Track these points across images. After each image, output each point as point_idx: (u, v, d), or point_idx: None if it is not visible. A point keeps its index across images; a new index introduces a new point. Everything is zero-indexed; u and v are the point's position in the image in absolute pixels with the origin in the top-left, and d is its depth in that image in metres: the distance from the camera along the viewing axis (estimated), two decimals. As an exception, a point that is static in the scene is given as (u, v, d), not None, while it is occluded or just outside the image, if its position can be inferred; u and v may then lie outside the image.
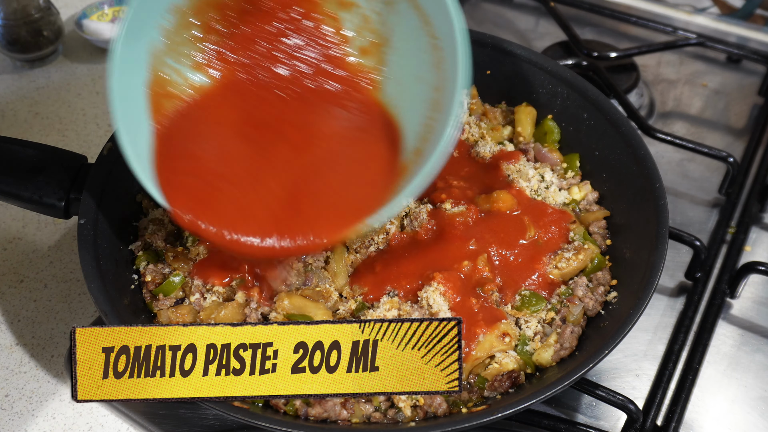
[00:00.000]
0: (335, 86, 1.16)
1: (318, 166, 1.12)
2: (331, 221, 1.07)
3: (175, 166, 1.09)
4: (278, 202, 1.09)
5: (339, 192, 1.10)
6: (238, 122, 1.14)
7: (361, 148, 1.14)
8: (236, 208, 1.07)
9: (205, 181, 1.09)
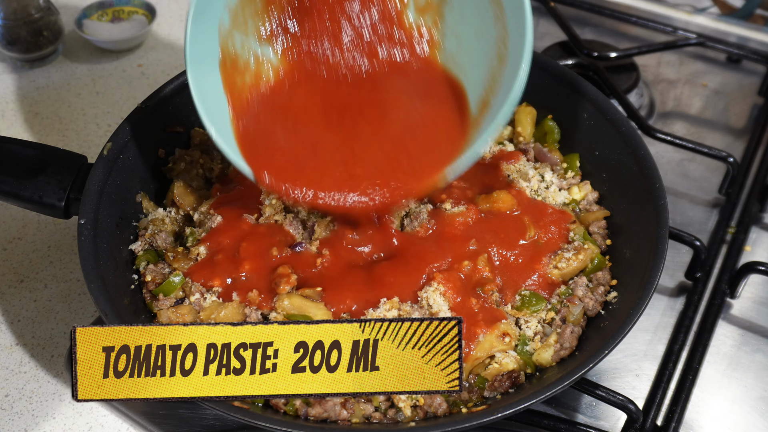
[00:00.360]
0: (396, 52, 1.21)
1: (394, 134, 1.18)
2: (412, 176, 1.14)
3: (261, 144, 1.16)
4: (363, 168, 1.16)
5: (416, 153, 1.16)
6: (313, 104, 1.21)
7: (430, 109, 1.20)
8: (330, 177, 1.15)
9: (293, 155, 1.16)
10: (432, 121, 1.19)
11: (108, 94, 1.81)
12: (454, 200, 1.28)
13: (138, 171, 1.35)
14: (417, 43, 1.21)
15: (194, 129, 1.45)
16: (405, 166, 1.16)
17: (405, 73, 1.22)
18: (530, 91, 1.48)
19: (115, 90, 1.82)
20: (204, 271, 1.21)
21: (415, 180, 1.15)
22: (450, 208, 1.27)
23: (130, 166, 1.33)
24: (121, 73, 1.87)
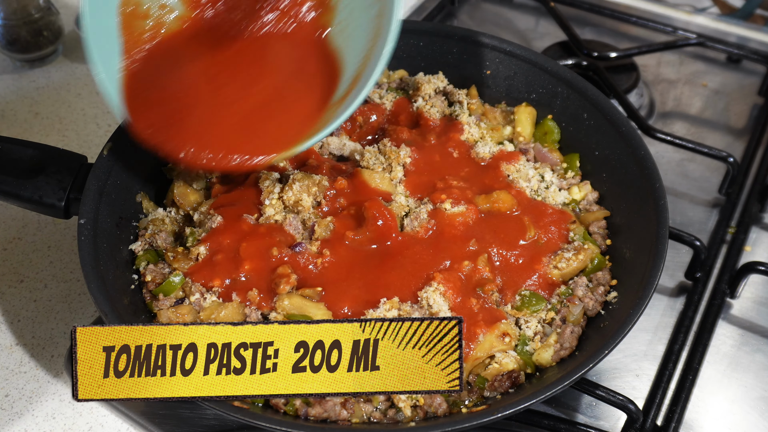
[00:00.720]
0: (288, 19, 1.25)
1: (264, 98, 1.21)
2: (270, 142, 1.17)
3: (142, 90, 1.18)
4: (229, 126, 1.19)
5: (278, 119, 1.20)
6: (200, 57, 1.24)
7: (303, 79, 1.23)
8: (193, 129, 1.18)
9: (168, 106, 1.19)
10: (292, 96, 1.22)
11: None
12: (454, 200, 1.28)
13: (138, 171, 1.35)
14: (308, 11, 1.25)
15: (194, 129, 1.45)
16: (256, 135, 1.18)
17: (291, 40, 1.25)
18: (530, 91, 1.49)
19: (115, 90, 1.82)
20: (204, 272, 1.21)
21: (271, 149, 1.16)
22: (450, 208, 1.27)
23: (130, 166, 1.33)
24: (121, 73, 1.87)
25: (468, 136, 1.43)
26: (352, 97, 1.14)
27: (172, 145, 1.16)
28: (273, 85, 1.23)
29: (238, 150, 1.15)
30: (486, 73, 1.52)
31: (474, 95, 1.52)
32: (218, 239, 1.24)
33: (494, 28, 2.04)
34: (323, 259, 1.23)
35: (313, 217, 1.27)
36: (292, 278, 1.19)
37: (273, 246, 1.22)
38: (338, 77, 1.21)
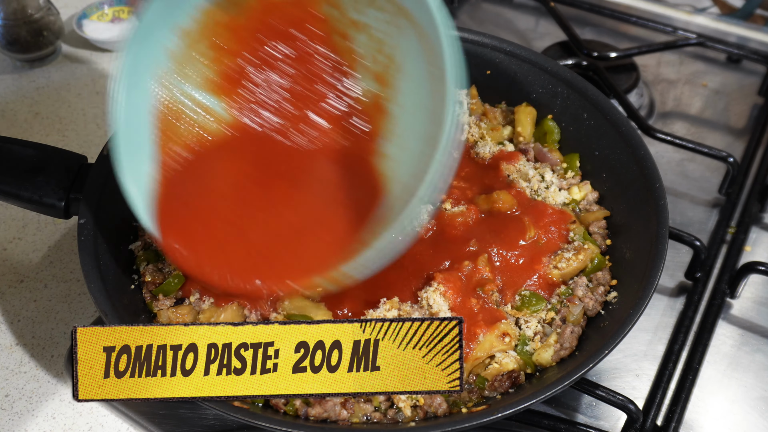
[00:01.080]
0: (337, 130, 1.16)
1: (294, 222, 1.12)
2: (300, 270, 1.08)
3: (172, 203, 1.10)
4: (257, 248, 1.11)
5: (308, 244, 1.10)
6: (238, 168, 1.16)
7: (345, 202, 1.13)
8: (219, 247, 1.10)
9: (198, 223, 1.11)
10: (326, 224, 1.12)
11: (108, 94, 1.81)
12: (454, 200, 1.28)
13: (138, 171, 1.35)
14: (358, 122, 1.15)
15: (194, 129, 1.45)
16: (295, 262, 1.09)
17: (334, 155, 1.16)
18: (530, 91, 1.49)
19: (115, 90, 1.82)
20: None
21: (298, 278, 1.07)
22: (450, 208, 1.27)
23: (130, 166, 1.33)
24: (121, 73, 1.86)
25: (468, 136, 1.43)
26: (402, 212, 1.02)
27: (198, 268, 1.09)
28: (305, 208, 1.13)
29: (262, 276, 1.07)
30: (486, 73, 1.52)
31: (474, 95, 1.52)
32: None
33: (494, 28, 2.04)
34: (323, 259, 1.22)
35: (313, 217, 1.27)
36: (292, 278, 1.18)
37: (273, 246, 1.22)
38: (380, 194, 1.11)
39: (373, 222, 1.08)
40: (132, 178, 1.06)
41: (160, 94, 1.11)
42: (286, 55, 1.15)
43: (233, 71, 1.15)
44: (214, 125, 1.15)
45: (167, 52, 1.11)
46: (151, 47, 1.07)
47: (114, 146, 1.04)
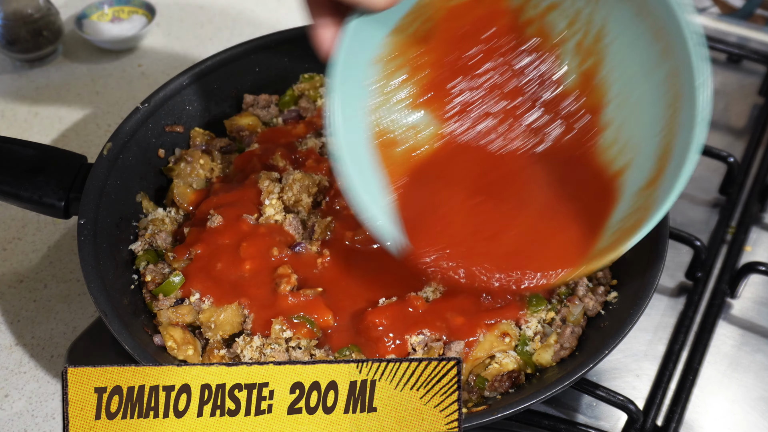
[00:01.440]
0: (555, 126, 1.13)
1: (530, 221, 1.11)
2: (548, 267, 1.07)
3: (409, 217, 1.10)
4: (499, 252, 1.09)
5: (549, 244, 1.09)
6: (460, 179, 1.14)
7: (572, 200, 1.11)
8: (466, 251, 1.09)
9: (440, 231, 1.10)
10: (567, 213, 1.10)
11: (108, 94, 1.81)
12: (455, 200, 1.28)
13: (138, 171, 1.35)
14: (576, 113, 1.11)
15: (194, 129, 1.45)
16: (536, 258, 1.08)
17: (556, 149, 1.13)
18: (530, 91, 1.49)
19: (115, 90, 1.82)
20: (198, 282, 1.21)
21: (539, 275, 1.07)
22: (450, 208, 1.27)
23: (130, 166, 1.33)
24: (121, 73, 1.87)
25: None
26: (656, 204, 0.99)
27: (446, 268, 1.09)
28: (535, 211, 1.11)
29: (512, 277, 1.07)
30: (486, 73, 1.52)
31: (474, 95, 1.52)
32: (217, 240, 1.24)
33: (494, 28, 2.04)
34: (323, 259, 1.23)
35: (313, 217, 1.27)
36: (292, 278, 1.19)
37: (273, 246, 1.22)
38: (615, 194, 1.07)
39: (609, 227, 1.06)
40: (376, 210, 1.07)
41: (371, 123, 1.11)
42: (482, 57, 1.12)
43: (433, 84, 1.13)
44: (426, 140, 1.15)
45: (367, 86, 1.10)
46: (352, 87, 1.06)
47: (347, 180, 1.04)
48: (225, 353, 1.15)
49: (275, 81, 1.53)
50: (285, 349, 1.14)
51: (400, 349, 1.14)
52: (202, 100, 1.46)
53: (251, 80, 1.52)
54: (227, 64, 1.48)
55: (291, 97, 1.52)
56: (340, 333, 1.16)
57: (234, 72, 1.49)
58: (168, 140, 1.42)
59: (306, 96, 1.51)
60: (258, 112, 1.49)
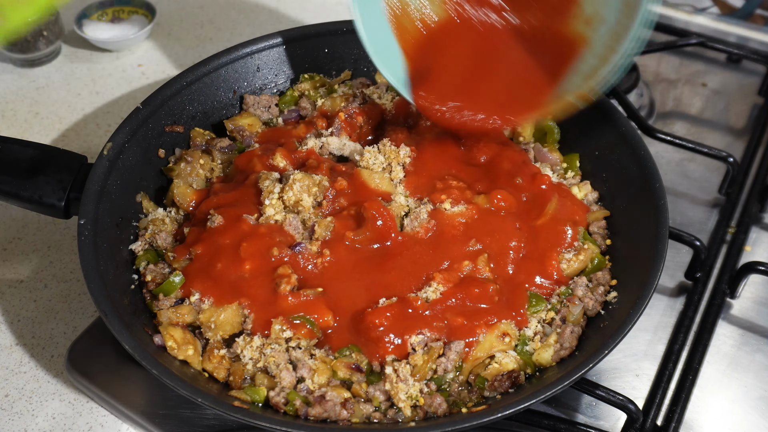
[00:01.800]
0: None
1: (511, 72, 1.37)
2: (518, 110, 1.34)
3: (420, 73, 1.35)
4: (486, 96, 1.35)
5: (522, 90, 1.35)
6: (462, 40, 1.39)
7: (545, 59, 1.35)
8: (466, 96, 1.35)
9: (441, 82, 1.36)
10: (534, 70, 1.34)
11: (108, 94, 1.81)
12: (454, 200, 1.28)
13: (138, 171, 1.35)
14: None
15: (194, 129, 1.45)
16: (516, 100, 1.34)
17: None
18: (530, 91, 1.49)
19: (115, 90, 1.82)
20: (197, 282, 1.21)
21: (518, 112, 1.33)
22: (450, 208, 1.27)
23: (130, 166, 1.33)
24: (121, 73, 1.87)
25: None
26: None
27: (439, 112, 1.34)
28: (517, 65, 1.36)
29: (491, 114, 1.33)
30: (486, 73, 1.52)
31: (474, 95, 1.53)
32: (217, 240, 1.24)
33: (494, 28, 2.04)
34: (323, 259, 1.23)
35: (313, 218, 1.27)
36: (292, 278, 1.19)
37: (273, 246, 1.22)
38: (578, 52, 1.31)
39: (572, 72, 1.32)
40: (384, 64, 1.33)
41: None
42: None
43: None
44: (435, 11, 1.39)
45: None
46: None
47: (365, 45, 1.31)
48: (225, 353, 1.15)
49: (275, 81, 1.54)
50: (285, 350, 1.14)
51: (400, 349, 1.14)
52: (202, 100, 1.47)
53: (251, 80, 1.52)
54: (227, 64, 1.49)
55: (291, 97, 1.52)
56: (340, 333, 1.16)
57: (234, 72, 1.50)
58: (168, 140, 1.42)
59: (306, 96, 1.51)
60: (258, 112, 1.49)
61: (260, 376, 1.13)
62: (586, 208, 1.33)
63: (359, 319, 1.16)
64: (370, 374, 1.13)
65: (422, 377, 1.12)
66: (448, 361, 1.13)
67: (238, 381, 1.13)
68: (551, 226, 1.27)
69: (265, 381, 1.12)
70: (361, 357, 1.14)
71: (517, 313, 1.19)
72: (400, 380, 1.10)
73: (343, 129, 1.43)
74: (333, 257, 1.23)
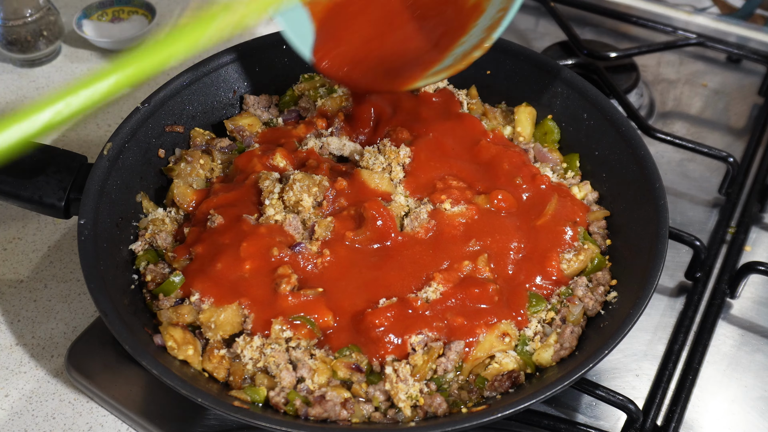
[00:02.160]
0: None
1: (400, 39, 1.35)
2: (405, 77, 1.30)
3: (326, 40, 1.34)
4: (377, 60, 1.34)
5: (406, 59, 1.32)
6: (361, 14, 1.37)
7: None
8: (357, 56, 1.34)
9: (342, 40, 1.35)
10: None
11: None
12: (454, 200, 1.28)
13: (138, 171, 1.35)
14: None
15: (194, 129, 1.45)
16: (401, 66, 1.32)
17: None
18: (530, 91, 1.49)
19: (115, 90, 1.82)
20: (197, 282, 1.21)
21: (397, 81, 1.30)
22: (450, 208, 1.27)
23: (130, 166, 1.33)
24: (121, 73, 1.86)
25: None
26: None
27: (341, 72, 1.33)
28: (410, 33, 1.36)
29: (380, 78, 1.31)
30: (486, 73, 1.52)
31: (474, 95, 1.52)
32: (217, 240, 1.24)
33: (494, 28, 2.04)
34: (323, 259, 1.23)
35: (313, 218, 1.27)
36: (292, 278, 1.19)
37: (273, 246, 1.22)
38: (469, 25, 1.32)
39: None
40: (291, 30, 1.33)
41: None
42: None
43: None
44: None
45: None
46: None
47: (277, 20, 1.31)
48: (225, 353, 1.15)
49: (275, 81, 1.54)
50: (285, 350, 1.14)
51: (400, 349, 1.14)
52: (202, 100, 1.47)
53: (251, 80, 1.52)
54: (227, 64, 1.49)
55: (291, 97, 1.52)
56: (340, 333, 1.16)
57: (234, 72, 1.50)
58: (168, 140, 1.42)
59: (306, 96, 1.51)
60: (258, 112, 1.49)
61: (260, 376, 1.13)
62: (586, 208, 1.33)
63: (359, 320, 1.16)
64: (370, 374, 1.13)
65: (422, 377, 1.12)
66: (448, 361, 1.13)
67: (238, 381, 1.13)
68: (551, 226, 1.28)
69: (265, 381, 1.12)
70: (361, 357, 1.14)
71: (517, 313, 1.19)
72: (400, 380, 1.10)
73: (343, 129, 1.43)
74: (333, 257, 1.23)
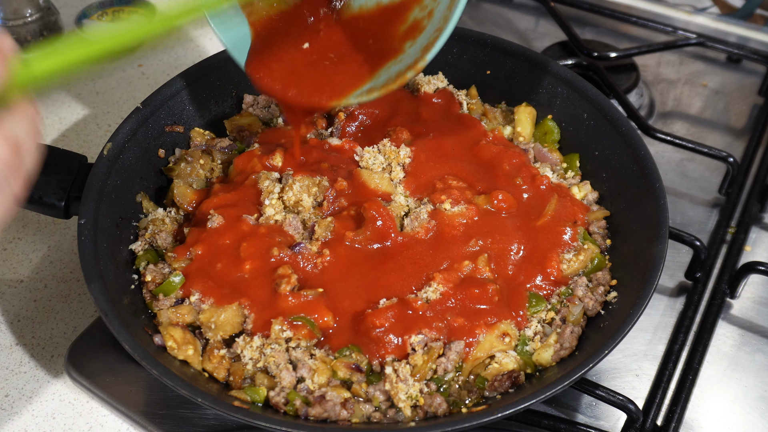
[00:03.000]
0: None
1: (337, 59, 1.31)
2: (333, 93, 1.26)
3: (259, 52, 1.30)
4: (309, 77, 1.29)
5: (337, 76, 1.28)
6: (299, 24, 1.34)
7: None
8: (287, 75, 1.29)
9: (276, 64, 1.31)
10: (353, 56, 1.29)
11: (108, 94, 1.81)
12: (454, 200, 1.28)
13: (138, 171, 1.35)
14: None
15: (194, 129, 1.45)
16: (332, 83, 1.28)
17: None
18: (530, 91, 1.49)
19: (115, 90, 1.82)
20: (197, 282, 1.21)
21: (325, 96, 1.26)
22: (450, 209, 1.28)
23: (130, 166, 1.33)
24: (121, 73, 1.87)
25: (468, 136, 1.44)
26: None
27: (273, 89, 1.28)
28: (342, 50, 1.32)
29: (310, 95, 1.26)
30: (486, 73, 1.52)
31: (474, 95, 1.52)
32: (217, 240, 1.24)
33: (494, 28, 2.04)
34: (323, 259, 1.23)
35: (313, 218, 1.27)
36: (292, 278, 1.19)
37: (273, 246, 1.22)
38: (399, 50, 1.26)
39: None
40: (228, 40, 1.29)
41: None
42: None
43: None
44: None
45: None
46: None
47: (212, 27, 1.28)
48: (225, 353, 1.15)
49: (275, 81, 1.53)
50: (285, 350, 1.14)
51: (400, 349, 1.14)
52: (202, 100, 1.47)
53: (251, 80, 1.52)
54: (227, 64, 1.48)
55: (291, 97, 1.52)
56: (340, 333, 1.16)
57: (234, 72, 1.49)
58: (168, 140, 1.42)
59: (306, 96, 1.51)
60: (258, 112, 1.49)
61: (260, 376, 1.13)
62: (586, 208, 1.33)
63: (359, 320, 1.16)
64: (370, 374, 1.14)
65: (422, 377, 1.12)
66: (448, 361, 1.13)
67: (238, 381, 1.13)
68: (551, 226, 1.28)
69: (265, 381, 1.12)
70: (361, 357, 1.14)
71: (517, 313, 1.19)
72: (400, 380, 1.10)
73: (342, 128, 1.43)
74: (333, 257, 1.23)
